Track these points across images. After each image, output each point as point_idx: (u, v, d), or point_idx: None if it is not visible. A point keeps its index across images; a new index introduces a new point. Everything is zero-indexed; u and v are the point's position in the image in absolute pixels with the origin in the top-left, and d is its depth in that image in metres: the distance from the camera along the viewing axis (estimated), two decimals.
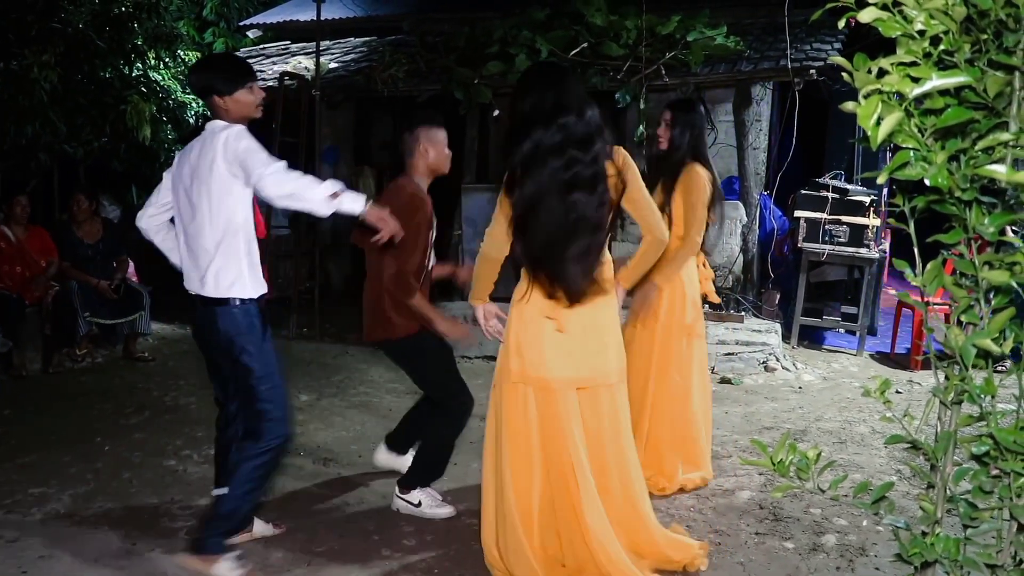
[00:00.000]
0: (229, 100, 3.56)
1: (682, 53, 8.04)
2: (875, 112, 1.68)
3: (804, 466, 2.02)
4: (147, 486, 4.75)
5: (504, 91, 8.70)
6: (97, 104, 8.45)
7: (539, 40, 8.27)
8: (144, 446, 5.39)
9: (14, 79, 7.41)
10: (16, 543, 4.01)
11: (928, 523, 1.95)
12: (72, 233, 7.60)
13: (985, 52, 1.71)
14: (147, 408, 6.23)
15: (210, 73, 3.64)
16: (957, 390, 1.87)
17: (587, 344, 3.48)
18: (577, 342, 3.46)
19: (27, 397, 6.52)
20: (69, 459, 5.14)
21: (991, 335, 1.76)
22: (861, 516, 4.30)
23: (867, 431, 5.73)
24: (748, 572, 3.75)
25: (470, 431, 5.67)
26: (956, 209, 1.79)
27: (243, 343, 3.52)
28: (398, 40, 10.35)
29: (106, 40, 8.22)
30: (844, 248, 8.15)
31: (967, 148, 1.73)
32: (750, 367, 7.42)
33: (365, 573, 3.73)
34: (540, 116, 3.29)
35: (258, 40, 12.09)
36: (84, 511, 4.40)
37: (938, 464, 1.93)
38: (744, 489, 4.67)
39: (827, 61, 7.53)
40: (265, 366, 3.55)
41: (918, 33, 1.69)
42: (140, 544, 4.01)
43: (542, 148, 3.27)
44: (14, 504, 4.47)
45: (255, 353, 3.53)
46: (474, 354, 7.90)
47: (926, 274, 1.90)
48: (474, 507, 4.44)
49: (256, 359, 3.53)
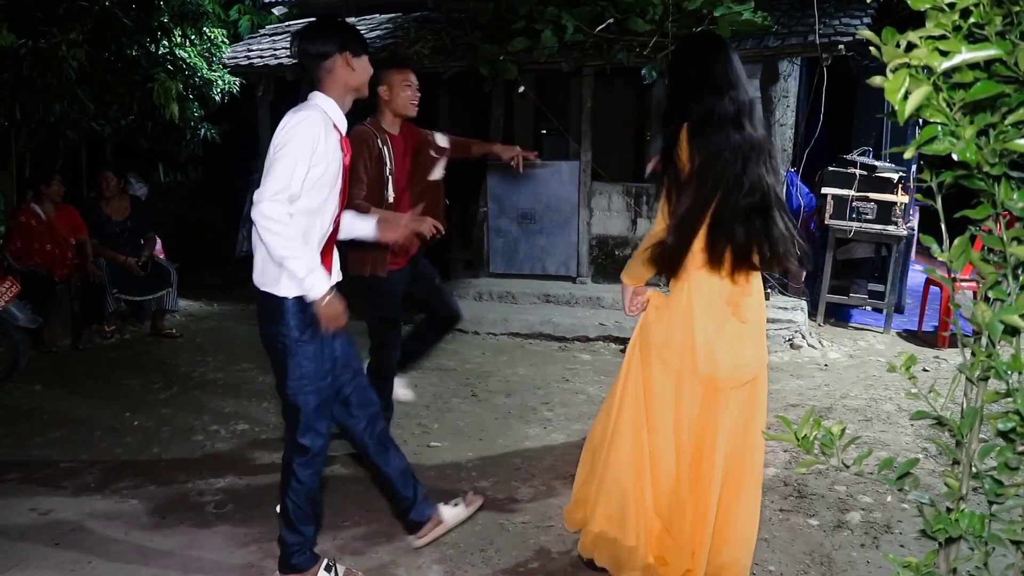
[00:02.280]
0: (356, 62, 3.30)
1: (709, 28, 7.97)
2: (903, 86, 1.66)
3: (828, 442, 2.02)
4: (176, 461, 4.81)
5: (530, 67, 8.67)
6: (124, 82, 8.48)
7: (565, 16, 8.21)
8: (172, 421, 5.45)
9: (42, 57, 7.44)
10: (48, 515, 4.08)
11: (953, 499, 1.95)
12: (100, 211, 7.67)
13: (1017, 24, 1.69)
14: (175, 384, 6.30)
15: (340, 34, 3.30)
16: (983, 366, 1.86)
17: (752, 334, 3.29)
18: (748, 333, 3.26)
19: (57, 373, 6.60)
20: (99, 434, 5.21)
21: (1019, 311, 1.75)
22: (886, 493, 4.30)
23: (893, 409, 5.70)
24: (772, 548, 3.75)
25: (494, 408, 5.72)
26: (984, 184, 1.77)
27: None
28: (423, 16, 10.32)
29: (132, 18, 8.24)
30: (872, 225, 8.08)
31: (996, 122, 1.71)
32: (776, 344, 7.39)
33: (391, 547, 3.76)
34: (713, 84, 3.15)
35: (284, 17, 12.07)
36: (114, 485, 4.46)
37: (963, 440, 1.92)
38: (769, 466, 4.66)
39: (855, 36, 7.45)
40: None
41: (948, 6, 1.67)
42: (169, 518, 4.07)
43: (720, 117, 3.10)
44: (46, 478, 4.54)
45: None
46: (500, 331, 7.92)
47: (953, 249, 1.88)
48: (500, 482, 4.47)
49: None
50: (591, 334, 7.68)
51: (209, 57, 9.56)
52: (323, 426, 3.37)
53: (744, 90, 3.20)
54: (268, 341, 3.30)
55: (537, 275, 9.04)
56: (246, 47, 10.62)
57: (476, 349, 7.47)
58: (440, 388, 6.21)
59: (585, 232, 8.83)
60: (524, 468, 4.67)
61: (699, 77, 3.18)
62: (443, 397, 5.99)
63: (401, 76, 4.50)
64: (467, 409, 5.71)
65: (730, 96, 3.14)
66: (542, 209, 8.98)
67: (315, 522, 3.50)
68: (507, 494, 4.34)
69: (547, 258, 9.04)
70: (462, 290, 8.81)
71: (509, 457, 4.86)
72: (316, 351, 3.28)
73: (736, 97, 3.15)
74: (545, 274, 9.04)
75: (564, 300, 8.43)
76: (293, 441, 3.34)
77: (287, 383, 3.28)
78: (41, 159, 8.76)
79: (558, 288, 8.62)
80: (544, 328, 7.86)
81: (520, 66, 8.53)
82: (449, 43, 9.11)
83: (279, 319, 3.22)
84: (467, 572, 3.55)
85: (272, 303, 3.23)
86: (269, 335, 3.28)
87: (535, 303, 8.52)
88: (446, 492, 4.34)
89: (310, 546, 3.45)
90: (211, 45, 9.60)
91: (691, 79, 3.21)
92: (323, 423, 3.37)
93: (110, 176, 7.73)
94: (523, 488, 4.40)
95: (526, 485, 4.42)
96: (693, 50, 3.29)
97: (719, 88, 3.14)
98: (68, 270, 7.43)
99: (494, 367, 6.85)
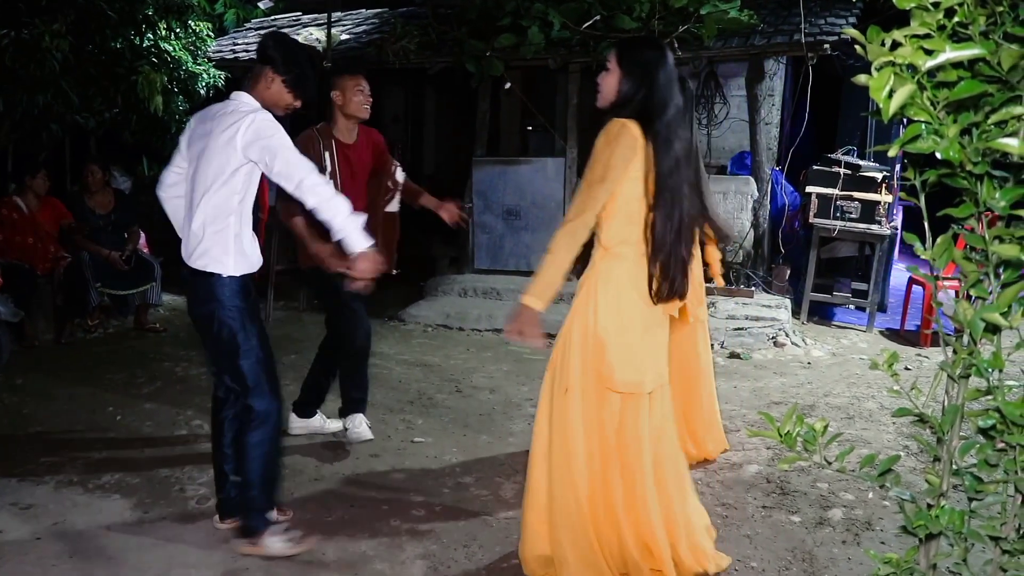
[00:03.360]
0: (279, 81, 3.59)
1: (695, 26, 7.99)
2: (887, 84, 1.67)
3: (811, 439, 2.03)
4: (159, 455, 4.79)
5: (516, 64, 8.67)
6: (108, 74, 8.43)
7: (552, 13, 8.21)
8: (156, 416, 5.43)
9: (25, 48, 7.39)
10: (29, 510, 4.06)
11: (933, 496, 1.96)
12: (84, 204, 7.62)
13: (1000, 24, 1.70)
14: (158, 378, 6.27)
15: (281, 49, 3.63)
16: (965, 364, 1.87)
17: (663, 341, 3.34)
18: (658, 341, 3.31)
19: (39, 367, 6.57)
20: (82, 428, 5.19)
21: (999, 309, 1.76)
22: (867, 491, 4.32)
23: (875, 407, 5.73)
24: (755, 545, 3.77)
25: (479, 404, 5.72)
26: (967, 183, 1.78)
27: (224, 316, 3.52)
28: (410, 12, 10.30)
29: (117, 10, 8.18)
30: (855, 224, 8.12)
31: (980, 121, 1.72)
32: (759, 342, 7.42)
33: (374, 542, 3.76)
34: (670, 89, 3.18)
35: (269, 11, 12.03)
36: (97, 479, 4.44)
37: (944, 437, 1.94)
38: (752, 463, 4.69)
39: (841, 35, 7.48)
40: (246, 340, 3.54)
41: (932, 5, 1.68)
42: (152, 512, 4.05)
43: (673, 125, 3.15)
44: (27, 472, 4.51)
45: (237, 328, 3.53)
46: (484, 327, 7.92)
47: (936, 248, 1.90)
48: (483, 478, 4.48)
49: (238, 333, 3.53)
50: None
51: (194, 50, 9.51)
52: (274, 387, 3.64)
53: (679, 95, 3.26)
54: (207, 320, 3.55)
55: (522, 271, 9.04)
56: (231, 41, 10.58)
57: (460, 345, 7.46)
58: (424, 384, 6.21)
59: None
60: (508, 464, 4.68)
61: (655, 85, 3.16)
62: (427, 393, 5.99)
63: (353, 82, 4.68)
64: (451, 405, 5.71)
65: (676, 104, 3.19)
66: (527, 205, 8.98)
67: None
68: (491, 490, 4.35)
69: (532, 254, 9.03)
70: (446, 286, 8.81)
71: (493, 453, 4.87)
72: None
73: (679, 104, 3.22)
74: (530, 270, 8.93)
75: None
76: (248, 408, 3.57)
77: (240, 353, 3.53)
78: (24, 152, 8.69)
79: None
80: None
81: (506, 62, 8.53)
82: (435, 39, 9.10)
83: (222, 296, 3.50)
84: (450, 567, 3.55)
85: (213, 281, 3.51)
86: (207, 313, 3.54)
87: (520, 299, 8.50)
88: (430, 488, 4.35)
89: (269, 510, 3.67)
90: (196, 38, 9.55)
91: (650, 85, 3.17)
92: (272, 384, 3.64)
93: (95, 169, 7.69)
94: (507, 484, 4.40)
95: (510, 481, 4.43)
96: (649, 54, 3.23)
97: (671, 97, 3.18)
98: (50, 264, 7.38)
99: (478, 363, 6.85)
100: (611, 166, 3.10)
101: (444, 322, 8.14)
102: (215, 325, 3.53)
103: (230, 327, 3.52)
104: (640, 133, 3.11)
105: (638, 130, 3.11)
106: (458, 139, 10.16)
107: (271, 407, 3.60)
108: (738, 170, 9.12)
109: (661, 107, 3.15)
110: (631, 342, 3.22)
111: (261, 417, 3.56)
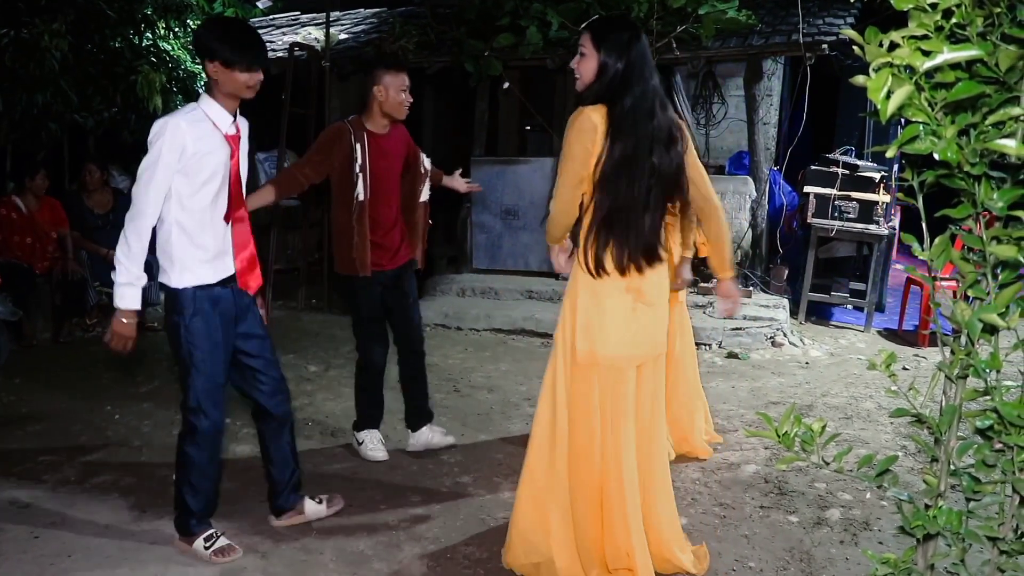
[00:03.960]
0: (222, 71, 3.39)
1: (693, 27, 7.99)
2: (885, 85, 1.67)
3: (809, 439, 2.04)
4: (156, 455, 4.79)
5: (515, 63, 8.67)
6: (108, 74, 8.42)
7: (550, 12, 8.22)
8: (153, 415, 5.43)
9: (24, 48, 7.39)
10: (27, 509, 4.06)
11: (931, 496, 1.97)
12: (82, 203, 7.62)
13: (998, 26, 1.70)
14: (156, 378, 6.27)
15: (215, 37, 3.40)
16: (963, 364, 1.88)
17: (653, 315, 3.32)
18: (645, 315, 3.29)
19: (38, 366, 6.56)
20: (79, 427, 5.18)
21: (997, 309, 1.77)
22: (865, 491, 4.33)
23: (873, 407, 5.74)
24: (752, 545, 3.77)
25: (477, 403, 5.73)
26: (965, 184, 1.79)
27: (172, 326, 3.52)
28: (409, 11, 10.31)
29: (116, 9, 8.18)
30: (853, 224, 8.13)
31: (977, 122, 1.72)
32: (757, 342, 7.42)
33: (372, 542, 3.76)
34: (637, 73, 3.15)
35: (268, 10, 12.04)
36: (94, 478, 4.44)
37: (942, 438, 1.94)
38: (749, 463, 4.69)
39: (839, 35, 7.48)
40: (187, 353, 3.49)
41: (930, 6, 1.68)
42: (149, 512, 4.05)
43: (639, 107, 3.13)
44: (25, 471, 4.51)
45: (178, 339, 3.50)
46: (482, 326, 7.93)
47: (934, 248, 1.90)
48: (481, 478, 4.48)
49: (180, 345, 3.50)
50: None
51: (193, 50, 9.49)
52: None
53: (657, 77, 3.24)
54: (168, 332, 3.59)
55: (520, 271, 9.05)
56: None
57: (458, 345, 7.46)
58: None
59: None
60: (506, 464, 4.68)
61: (628, 66, 3.15)
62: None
63: (397, 79, 4.53)
64: (449, 404, 5.71)
65: (652, 86, 3.17)
66: (525, 205, 8.98)
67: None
68: (488, 489, 4.35)
69: (530, 254, 9.04)
70: (445, 286, 8.81)
71: (491, 452, 4.87)
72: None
73: (656, 87, 3.19)
74: (528, 270, 9.04)
75: (547, 296, 8.44)
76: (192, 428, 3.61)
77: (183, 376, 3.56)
78: (23, 151, 8.67)
79: (541, 284, 8.62)
80: (527, 324, 7.86)
81: (505, 62, 8.54)
82: (434, 38, 9.10)
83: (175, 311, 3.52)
84: (447, 566, 3.55)
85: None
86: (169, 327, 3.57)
87: (518, 299, 8.52)
88: (428, 488, 4.35)
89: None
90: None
91: (622, 66, 3.15)
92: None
93: (93, 169, 7.69)
94: (504, 483, 4.40)
95: (508, 480, 4.43)
96: (621, 35, 3.20)
97: (646, 79, 3.16)
98: (49, 263, 7.38)
99: (476, 363, 6.86)
100: (569, 157, 3.16)
101: (442, 321, 8.13)
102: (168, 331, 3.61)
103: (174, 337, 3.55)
104: (602, 117, 3.11)
105: (600, 115, 3.11)
106: (456, 139, 10.15)
107: (194, 422, 3.58)
108: (736, 170, 9.13)
109: (634, 85, 3.13)
110: (604, 319, 3.23)
111: (187, 428, 3.60)
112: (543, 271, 8.93)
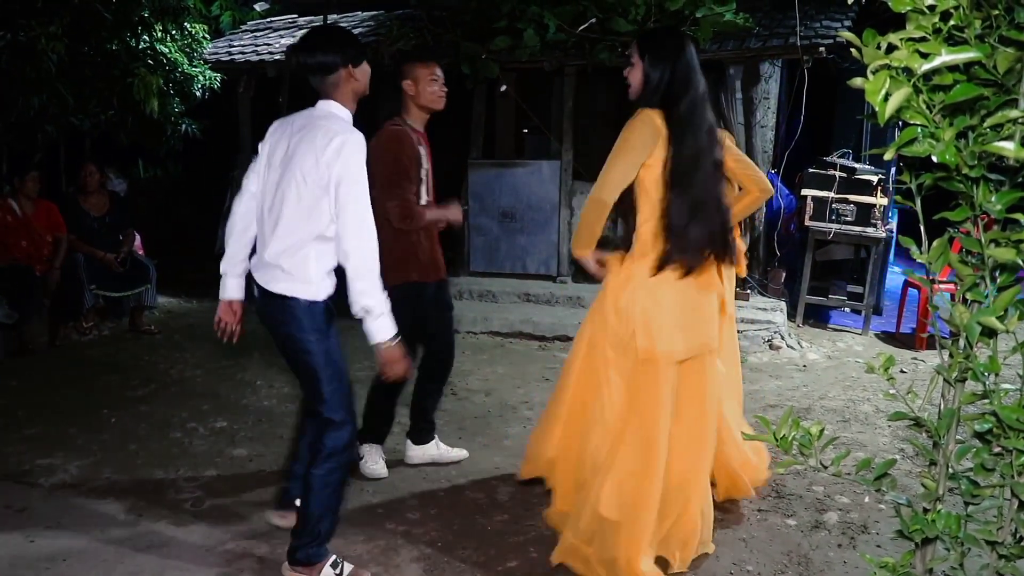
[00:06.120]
0: (358, 72, 3.42)
1: (691, 29, 7.99)
2: (883, 87, 1.67)
3: (807, 442, 2.03)
4: (153, 458, 4.77)
5: (511, 66, 8.67)
6: (104, 76, 8.41)
7: (547, 15, 8.21)
8: (150, 419, 5.41)
9: (21, 50, 7.37)
10: (24, 513, 4.05)
11: (930, 500, 1.96)
12: (79, 206, 7.60)
13: (996, 28, 1.70)
14: (153, 381, 6.26)
15: (336, 45, 3.41)
16: (961, 368, 1.87)
17: (707, 311, 3.47)
18: (702, 310, 3.44)
19: (33, 369, 6.55)
20: (75, 431, 5.17)
21: (995, 312, 1.76)
22: (863, 494, 4.32)
23: (871, 410, 5.73)
24: (750, 548, 3.76)
25: (474, 407, 5.72)
26: (963, 186, 1.78)
27: (303, 338, 3.27)
28: (405, 14, 10.29)
29: (112, 12, 8.16)
30: (851, 227, 8.12)
31: (975, 125, 1.72)
32: (755, 345, 7.42)
33: (369, 545, 3.75)
34: (683, 81, 3.32)
35: (265, 13, 12.01)
36: (91, 482, 4.42)
37: (940, 441, 1.94)
38: None
39: (836, 38, 7.48)
40: (334, 364, 3.32)
41: (928, 8, 1.68)
42: (146, 515, 4.04)
43: (694, 111, 3.32)
44: (21, 475, 4.50)
45: (315, 351, 3.28)
46: (480, 329, 7.91)
47: (932, 251, 1.90)
48: (478, 481, 4.47)
49: (322, 357, 3.29)
50: (571, 333, 7.66)
51: (190, 52, 9.48)
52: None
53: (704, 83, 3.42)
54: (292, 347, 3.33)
55: (518, 274, 9.03)
56: (227, 43, 10.57)
57: (456, 348, 7.43)
58: None
59: (566, 231, 8.82)
60: (503, 467, 4.66)
61: (674, 75, 3.34)
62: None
63: (427, 70, 4.32)
64: (447, 408, 5.70)
65: (698, 89, 3.35)
66: (523, 208, 8.97)
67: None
68: (486, 493, 4.34)
69: (528, 257, 9.03)
70: None
71: (488, 456, 4.86)
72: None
73: (705, 92, 3.39)
74: (526, 273, 9.03)
75: (544, 299, 8.43)
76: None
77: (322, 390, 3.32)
78: (19, 153, 8.66)
79: (538, 287, 8.61)
80: (524, 327, 7.85)
81: (502, 65, 8.53)
82: (431, 41, 9.09)
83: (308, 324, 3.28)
84: (445, 571, 3.54)
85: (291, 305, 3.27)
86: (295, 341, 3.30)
87: (515, 302, 8.51)
88: (425, 491, 4.33)
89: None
90: (192, 40, 9.52)
91: (669, 75, 3.34)
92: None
93: (92, 170, 7.67)
94: (502, 487, 4.40)
95: (505, 484, 4.42)
96: (665, 45, 3.41)
97: (693, 83, 3.34)
98: (45, 267, 7.35)
99: (474, 366, 6.84)
100: (628, 148, 3.29)
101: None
102: (292, 346, 3.35)
103: (309, 350, 3.31)
104: (662, 122, 3.28)
105: (660, 119, 3.28)
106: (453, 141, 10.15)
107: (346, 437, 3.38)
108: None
109: (682, 91, 3.31)
110: (660, 314, 3.34)
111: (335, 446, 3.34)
112: (540, 274, 8.93)
